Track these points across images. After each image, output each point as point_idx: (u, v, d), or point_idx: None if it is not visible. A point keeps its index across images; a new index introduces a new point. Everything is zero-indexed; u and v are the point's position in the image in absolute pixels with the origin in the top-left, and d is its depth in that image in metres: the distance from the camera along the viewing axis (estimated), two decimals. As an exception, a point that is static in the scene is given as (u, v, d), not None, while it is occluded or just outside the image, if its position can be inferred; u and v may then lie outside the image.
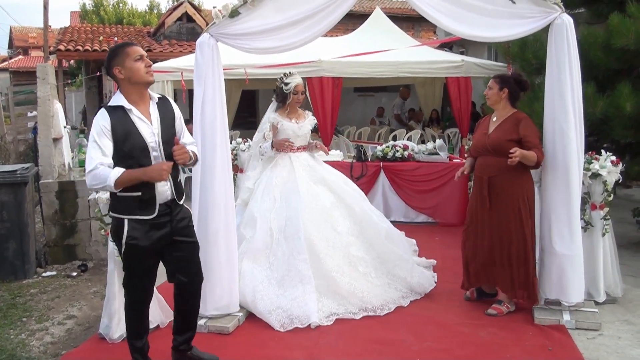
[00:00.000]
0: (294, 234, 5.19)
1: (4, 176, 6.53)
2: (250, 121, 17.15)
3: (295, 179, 5.47)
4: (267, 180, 5.55)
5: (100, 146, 3.58)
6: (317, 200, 5.42)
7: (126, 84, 3.74)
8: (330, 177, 5.67)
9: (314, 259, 5.13)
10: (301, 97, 5.62)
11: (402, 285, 5.41)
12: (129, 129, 3.66)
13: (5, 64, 40.53)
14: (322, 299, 5.05)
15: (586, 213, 5.17)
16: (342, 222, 5.44)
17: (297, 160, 5.60)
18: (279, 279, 5.12)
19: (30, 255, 6.64)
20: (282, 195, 5.42)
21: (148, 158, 3.70)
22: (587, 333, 4.67)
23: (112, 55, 3.75)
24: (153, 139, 3.72)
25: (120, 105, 3.69)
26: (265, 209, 5.37)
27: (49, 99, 7.19)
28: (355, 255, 5.33)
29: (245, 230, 5.38)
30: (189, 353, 4.19)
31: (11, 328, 5.14)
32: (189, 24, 19.81)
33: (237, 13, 4.69)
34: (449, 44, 15.72)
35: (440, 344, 4.52)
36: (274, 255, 5.21)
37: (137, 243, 3.71)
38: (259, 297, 5.00)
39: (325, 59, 9.96)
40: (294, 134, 5.60)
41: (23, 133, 16.27)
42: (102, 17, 30.40)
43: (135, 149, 3.66)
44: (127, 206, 3.71)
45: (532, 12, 4.71)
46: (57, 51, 17.16)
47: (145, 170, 3.63)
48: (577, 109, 4.75)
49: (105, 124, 3.61)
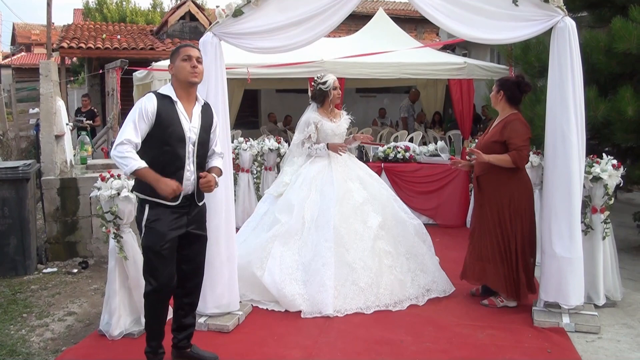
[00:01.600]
0: (324, 223, 5.40)
1: (5, 172, 6.54)
2: (251, 121, 17.18)
3: (331, 174, 5.69)
4: (305, 173, 5.76)
5: (137, 126, 3.79)
6: (349, 195, 5.61)
7: (174, 80, 4.03)
8: (364, 176, 5.89)
9: (339, 249, 5.31)
10: (340, 92, 5.95)
11: (427, 280, 5.56)
12: (172, 118, 3.88)
13: (8, 61, 40.56)
14: (339, 288, 5.19)
15: (587, 216, 5.18)
16: (374, 216, 5.59)
17: (335, 158, 5.82)
18: (305, 264, 5.31)
19: (31, 251, 6.65)
20: (317, 188, 5.64)
21: (184, 150, 3.91)
22: (586, 336, 4.67)
23: (172, 53, 4.08)
24: (190, 135, 3.94)
25: (169, 95, 3.94)
26: (302, 198, 5.58)
27: (52, 96, 7.20)
28: (383, 249, 5.49)
29: (281, 215, 5.57)
30: (188, 350, 4.22)
31: (11, 324, 5.14)
32: (192, 22, 19.85)
33: (241, 12, 4.71)
34: (451, 46, 15.72)
35: (438, 345, 4.53)
36: (303, 242, 5.41)
37: (156, 227, 3.85)
38: (287, 280, 5.21)
39: (328, 60, 9.97)
40: (333, 132, 5.83)
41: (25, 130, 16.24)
42: (105, 15, 30.38)
43: (174, 137, 3.87)
44: (154, 189, 3.80)
45: (535, 14, 4.72)
46: (60, 48, 17.19)
47: (159, 179, 3.75)
48: (579, 112, 4.75)
49: (151, 107, 3.84)
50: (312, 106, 5.96)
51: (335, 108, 6.00)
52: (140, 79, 11.79)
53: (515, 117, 5.07)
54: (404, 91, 17.93)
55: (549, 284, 4.92)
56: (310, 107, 5.97)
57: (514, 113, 5.11)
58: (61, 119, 7.47)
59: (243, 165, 7.94)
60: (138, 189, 3.94)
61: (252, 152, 8.06)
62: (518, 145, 4.91)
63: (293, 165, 5.95)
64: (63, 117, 7.65)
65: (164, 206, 3.87)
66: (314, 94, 5.91)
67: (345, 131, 6.01)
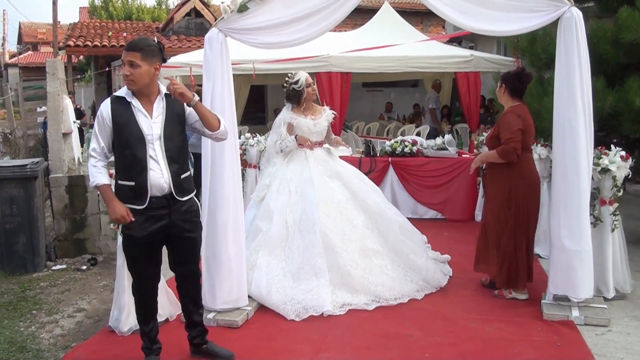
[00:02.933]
0: (309, 227, 5.27)
1: (14, 171, 6.57)
2: (258, 116, 17.18)
3: (310, 173, 5.56)
4: (282, 174, 5.63)
5: (98, 134, 3.79)
6: (332, 194, 5.50)
7: None
8: (344, 172, 5.75)
9: (329, 253, 5.20)
10: (314, 87, 5.78)
11: (418, 277, 5.46)
12: (127, 119, 3.77)
13: (15, 60, 40.73)
14: (336, 291, 5.12)
15: (595, 208, 5.15)
16: (357, 215, 5.51)
17: (312, 155, 5.69)
18: (293, 271, 5.19)
19: (40, 248, 6.68)
20: (297, 188, 5.50)
21: (144, 149, 3.76)
22: (595, 329, 4.65)
23: None
24: (151, 132, 3.78)
25: (123, 95, 3.83)
26: (282, 203, 5.45)
27: (59, 94, 7.22)
28: (371, 248, 5.40)
29: (262, 223, 5.45)
30: (204, 347, 4.24)
31: (21, 320, 5.17)
32: (198, 19, 19.86)
33: (246, 8, 4.70)
34: (458, 39, 15.66)
35: (447, 339, 4.52)
36: (289, 249, 5.29)
37: (132, 233, 3.81)
38: (274, 289, 5.08)
39: (334, 54, 9.96)
40: (309, 130, 5.69)
41: (32, 128, 16.35)
42: (110, 13, 30.44)
43: (132, 138, 3.75)
44: (124, 195, 3.80)
45: (541, 5, 4.68)
46: (66, 47, 17.26)
47: (110, 202, 3.77)
48: (587, 103, 4.72)
49: (105, 112, 3.78)
50: (286, 106, 5.85)
51: (314, 105, 5.87)
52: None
53: (510, 109, 5.13)
54: (411, 85, 17.90)
55: (558, 277, 4.90)
56: (285, 107, 5.86)
57: (514, 106, 5.15)
58: (68, 117, 7.50)
59: (250, 161, 7.93)
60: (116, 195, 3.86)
61: (259, 147, 8.05)
62: (505, 138, 4.97)
63: (274, 165, 5.80)
64: (70, 115, 7.67)
65: (138, 211, 3.78)
66: (287, 94, 5.77)
67: (326, 128, 5.83)
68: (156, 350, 4.08)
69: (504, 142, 4.96)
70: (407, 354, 4.32)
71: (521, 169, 5.08)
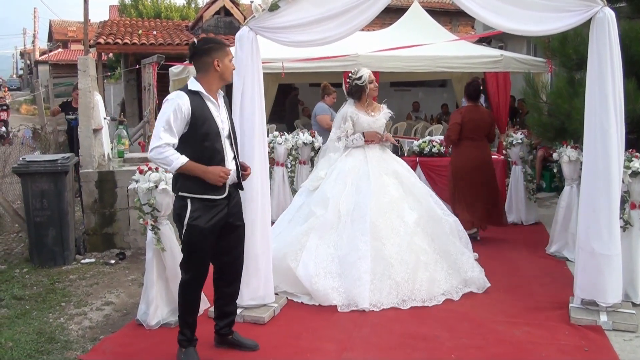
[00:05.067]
0: (360, 217, 5.39)
1: (45, 165, 6.67)
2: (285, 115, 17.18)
3: (367, 168, 5.68)
4: (341, 166, 5.76)
5: (173, 127, 3.86)
6: (386, 190, 5.59)
7: (215, 76, 4.05)
8: (400, 170, 5.86)
9: (376, 243, 5.29)
10: (376, 84, 5.90)
11: (459, 279, 5.48)
12: (206, 114, 3.95)
13: (45, 57, 41.33)
14: (376, 282, 5.17)
15: (625, 212, 5.09)
16: (410, 212, 5.58)
17: (371, 152, 5.80)
18: (341, 257, 5.30)
19: (69, 242, 6.77)
20: (353, 181, 5.62)
21: (220, 142, 3.99)
22: (624, 335, 4.59)
23: (216, 47, 4.05)
24: (222, 126, 4.03)
25: (198, 91, 3.98)
26: (337, 192, 5.57)
27: (90, 91, 7.31)
28: (419, 245, 5.45)
29: (317, 209, 5.58)
30: (230, 337, 4.33)
31: (50, 312, 5.25)
32: (227, 17, 19.96)
33: (277, 7, 4.73)
34: (487, 39, 15.52)
35: (474, 341, 4.50)
36: (339, 236, 5.41)
37: (198, 224, 3.92)
38: (322, 273, 5.21)
39: (362, 53, 9.91)
40: (369, 126, 5.80)
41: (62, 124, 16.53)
42: (140, 11, 30.67)
43: (211, 132, 3.96)
44: (200, 185, 3.91)
45: (573, 5, 4.63)
46: (96, 44, 17.44)
47: (206, 169, 3.88)
48: (618, 105, 4.65)
49: (185, 106, 3.89)
50: (349, 101, 5.95)
51: (373, 101, 5.97)
52: (177, 74, 11.88)
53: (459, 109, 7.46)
54: (439, 85, 17.80)
55: (586, 281, 4.84)
56: (347, 102, 5.95)
57: (465, 106, 7.28)
58: (99, 113, 7.59)
59: (278, 159, 7.97)
60: (181, 189, 3.98)
61: (287, 146, 8.08)
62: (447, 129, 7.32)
63: (329, 160, 5.93)
64: (101, 111, 7.76)
65: (206, 201, 3.94)
66: (350, 89, 5.90)
67: (384, 125, 5.96)
68: (195, 342, 4.17)
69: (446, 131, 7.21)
70: (433, 355, 4.31)
71: (459, 150, 7.09)
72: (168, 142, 3.83)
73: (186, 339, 4.13)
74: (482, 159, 7.11)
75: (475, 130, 7.03)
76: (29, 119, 24.80)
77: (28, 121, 20.38)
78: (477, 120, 7.02)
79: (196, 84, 4.00)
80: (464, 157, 7.05)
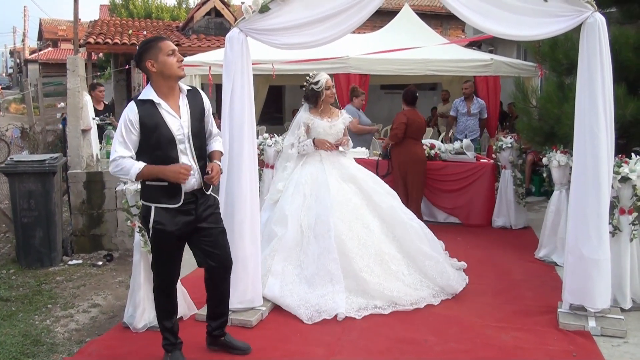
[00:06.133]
0: (324, 232, 5.23)
1: (32, 166, 6.62)
2: (276, 117, 17.21)
3: (325, 176, 5.53)
4: (297, 178, 5.60)
5: (125, 139, 3.76)
6: (347, 198, 5.47)
7: (158, 78, 3.86)
8: (359, 175, 5.70)
9: (344, 259, 5.17)
10: (333, 91, 5.75)
11: (434, 284, 5.38)
12: (156, 122, 3.79)
13: (35, 56, 41.16)
14: (352, 297, 5.09)
15: (614, 217, 5.09)
16: (373, 220, 5.47)
17: (328, 159, 5.67)
18: (308, 277, 5.17)
19: (56, 243, 6.73)
20: (312, 192, 5.47)
21: (175, 150, 3.84)
22: (612, 340, 4.58)
23: (145, 48, 3.85)
24: (181, 132, 3.85)
25: (150, 99, 3.81)
26: (296, 207, 5.42)
27: (79, 91, 7.27)
28: (387, 253, 5.35)
29: (277, 228, 5.42)
30: (222, 339, 4.32)
31: (36, 314, 5.21)
32: (217, 18, 19.94)
33: (267, 9, 4.70)
34: (477, 43, 15.58)
35: (462, 345, 4.49)
36: (304, 254, 5.27)
37: (164, 228, 3.86)
38: (288, 294, 5.07)
39: (353, 56, 9.93)
40: (325, 132, 5.66)
41: (52, 124, 16.45)
42: (131, 11, 30.56)
43: (162, 141, 3.81)
44: (154, 194, 3.86)
45: (564, 10, 4.63)
46: (86, 44, 17.36)
47: (164, 169, 3.77)
48: (608, 110, 4.65)
49: (133, 117, 3.77)
50: (304, 106, 5.83)
51: (332, 107, 5.86)
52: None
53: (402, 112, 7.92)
54: (429, 88, 17.82)
55: (575, 285, 4.83)
56: (302, 107, 5.84)
57: (405, 110, 7.91)
58: (87, 113, 7.54)
59: (268, 161, 7.94)
60: (143, 197, 3.94)
61: (277, 148, 8.05)
62: (393, 128, 7.88)
63: (285, 169, 5.77)
64: (89, 111, 7.72)
65: (168, 209, 3.87)
66: (306, 94, 5.76)
67: (342, 130, 5.79)
68: (179, 345, 4.14)
69: (392, 130, 7.75)
70: (421, 359, 4.30)
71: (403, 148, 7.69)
72: (122, 154, 3.74)
73: (170, 343, 4.11)
74: (420, 155, 7.89)
75: (416, 130, 7.84)
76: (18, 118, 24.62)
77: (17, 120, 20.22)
78: (418, 122, 7.84)
79: (147, 91, 3.87)
80: (407, 153, 7.78)
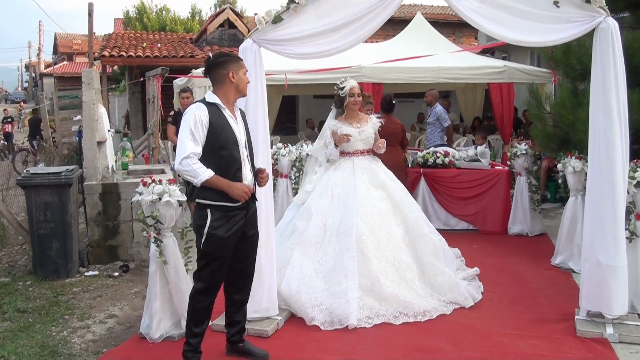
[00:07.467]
0: (346, 231, 5.31)
1: (49, 178, 6.68)
2: (290, 127, 17.24)
3: (354, 180, 5.61)
4: (327, 180, 5.71)
5: (195, 136, 3.96)
6: (373, 203, 5.53)
7: (231, 88, 4.15)
8: (389, 183, 5.78)
9: (362, 258, 5.22)
10: (358, 99, 5.80)
11: (445, 297, 5.35)
12: (223, 123, 4.06)
13: (50, 70, 41.58)
14: (364, 297, 5.11)
15: (631, 223, 5.05)
16: (396, 227, 5.52)
17: (359, 164, 5.76)
18: (325, 273, 5.23)
19: (73, 254, 6.76)
20: (340, 194, 5.56)
21: (238, 151, 4.09)
22: (630, 347, 4.54)
23: (231, 59, 4.18)
24: (240, 137, 4.12)
25: (215, 102, 4.09)
26: (322, 206, 5.52)
27: (94, 104, 7.32)
28: (405, 262, 5.37)
29: (300, 222, 5.54)
30: (241, 345, 4.39)
31: (53, 325, 5.24)
32: (231, 30, 20.06)
33: (280, 19, 4.73)
34: (490, 50, 15.55)
35: (479, 354, 4.46)
36: (324, 251, 5.34)
37: (217, 233, 3.98)
38: (304, 289, 5.12)
39: (366, 65, 9.95)
40: (354, 138, 5.73)
41: (67, 136, 16.60)
42: (145, 24, 30.84)
43: (229, 140, 4.05)
44: (217, 193, 3.99)
45: (577, 16, 4.62)
46: (101, 57, 17.50)
47: (231, 184, 3.98)
48: (622, 115, 4.63)
49: (203, 116, 3.99)
50: (332, 112, 5.94)
51: (359, 112, 5.90)
52: (181, 86, 11.94)
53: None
54: (442, 96, 17.78)
55: (592, 292, 4.80)
56: (330, 113, 5.95)
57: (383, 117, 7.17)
58: (103, 125, 7.60)
59: (282, 171, 7.95)
60: (201, 196, 4.02)
61: (291, 157, 8.07)
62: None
63: (315, 173, 5.88)
64: (105, 124, 7.78)
65: (226, 210, 4.01)
66: (334, 99, 5.88)
67: (372, 135, 5.85)
68: (199, 354, 4.20)
69: None
70: (438, 367, 4.29)
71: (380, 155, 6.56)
72: (194, 151, 3.92)
73: (192, 349, 4.14)
74: (396, 161, 7.67)
75: (389, 137, 7.43)
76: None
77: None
78: (392, 128, 7.70)
79: (213, 97, 4.11)
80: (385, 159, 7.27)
